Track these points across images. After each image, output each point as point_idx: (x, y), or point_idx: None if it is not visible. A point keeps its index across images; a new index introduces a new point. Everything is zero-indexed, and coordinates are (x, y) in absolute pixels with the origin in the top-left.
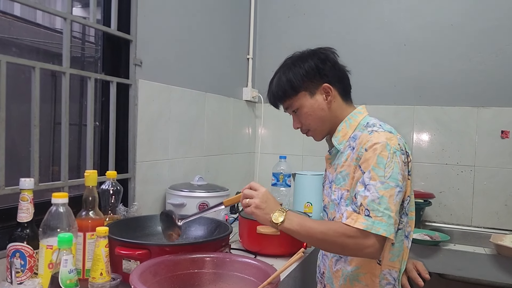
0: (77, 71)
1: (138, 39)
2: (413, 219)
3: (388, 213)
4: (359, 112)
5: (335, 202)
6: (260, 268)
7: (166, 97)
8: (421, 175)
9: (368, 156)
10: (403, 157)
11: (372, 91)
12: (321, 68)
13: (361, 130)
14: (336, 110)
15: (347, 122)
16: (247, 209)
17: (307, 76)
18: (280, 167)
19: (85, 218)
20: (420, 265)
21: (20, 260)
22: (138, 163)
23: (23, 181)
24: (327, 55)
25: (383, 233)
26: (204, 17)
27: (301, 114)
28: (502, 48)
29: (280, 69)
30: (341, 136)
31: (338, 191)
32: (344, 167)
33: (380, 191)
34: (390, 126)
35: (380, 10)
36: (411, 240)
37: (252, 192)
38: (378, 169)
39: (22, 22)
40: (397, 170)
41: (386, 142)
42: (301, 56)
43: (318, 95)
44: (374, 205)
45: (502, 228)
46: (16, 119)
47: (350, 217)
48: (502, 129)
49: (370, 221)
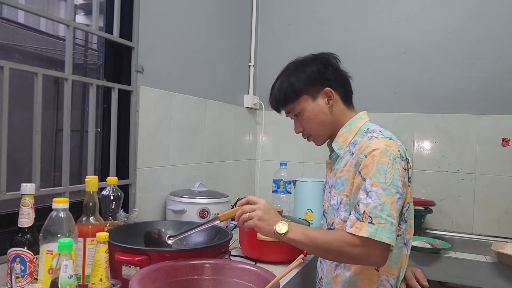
0: (79, 77)
1: (140, 46)
2: (412, 226)
3: (390, 220)
4: (360, 117)
5: (334, 207)
6: (260, 275)
7: (167, 103)
8: (421, 182)
9: (368, 162)
10: (403, 163)
11: (373, 99)
12: (323, 72)
13: (361, 136)
14: (337, 114)
15: (347, 127)
16: (249, 223)
17: (309, 80)
18: (280, 174)
19: (85, 223)
20: (419, 273)
21: (21, 265)
22: (139, 169)
23: (24, 186)
24: (329, 59)
25: (386, 240)
26: (206, 25)
27: (303, 118)
28: (502, 56)
29: (282, 74)
30: (341, 141)
31: (338, 196)
32: (343, 172)
33: (382, 197)
34: (390, 132)
35: (380, 18)
36: (410, 248)
37: (251, 206)
38: (379, 175)
39: (25, 29)
40: (397, 177)
41: (386, 148)
42: (303, 61)
43: (320, 99)
44: (376, 212)
45: (503, 236)
46: (18, 125)
47: (354, 225)
48: (503, 137)
49: (373, 228)
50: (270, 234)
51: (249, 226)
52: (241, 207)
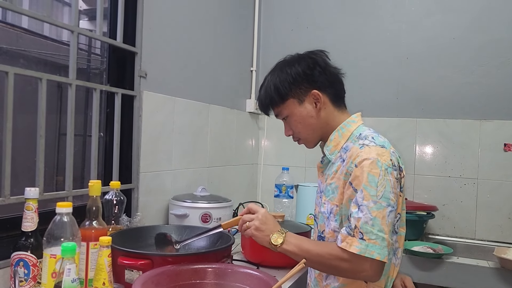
0: (82, 82)
1: (143, 52)
2: (403, 234)
3: (382, 236)
4: (353, 121)
5: (325, 215)
6: (262, 279)
7: (170, 108)
8: (424, 187)
9: (358, 173)
10: (395, 173)
11: (375, 104)
12: (309, 74)
13: (353, 142)
14: (327, 117)
15: (339, 131)
16: (247, 232)
17: (294, 83)
18: (282, 178)
19: (88, 228)
20: (408, 281)
21: (24, 269)
22: (141, 174)
23: (28, 191)
24: (315, 60)
25: (377, 256)
26: (209, 30)
27: (290, 122)
28: (505, 61)
29: (268, 75)
30: (333, 145)
31: (328, 204)
32: (334, 179)
33: (372, 211)
34: (383, 138)
35: (382, 23)
36: (399, 257)
37: (251, 215)
38: (370, 188)
39: (30, 34)
40: (389, 189)
41: (377, 158)
42: (289, 62)
43: (307, 103)
44: (367, 227)
45: (505, 241)
46: (22, 129)
47: (345, 240)
48: (505, 142)
49: (364, 244)
50: (265, 244)
51: (248, 235)
52: (242, 216)
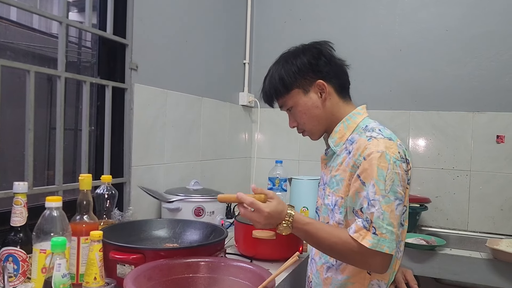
0: (72, 75)
1: (134, 43)
2: (406, 227)
3: (390, 229)
4: (359, 113)
5: (329, 207)
6: (255, 272)
7: (162, 101)
8: (417, 179)
9: (367, 166)
10: (404, 165)
11: (368, 96)
12: (314, 64)
13: (359, 133)
14: (332, 108)
15: (345, 123)
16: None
17: (299, 73)
18: (276, 171)
19: (79, 222)
20: (409, 274)
21: (13, 264)
22: (133, 168)
23: (17, 185)
24: (321, 50)
25: (387, 250)
26: (201, 22)
27: (295, 113)
28: (497, 53)
29: (273, 66)
30: (338, 137)
31: (332, 196)
32: (339, 171)
33: (382, 205)
34: (390, 131)
35: (376, 15)
36: (402, 250)
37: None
38: (379, 182)
39: (18, 26)
40: (397, 182)
41: (385, 151)
42: (294, 52)
43: (312, 93)
44: (379, 222)
45: (498, 232)
46: (10, 122)
47: (359, 232)
48: (498, 134)
49: (376, 239)
50: None
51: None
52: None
